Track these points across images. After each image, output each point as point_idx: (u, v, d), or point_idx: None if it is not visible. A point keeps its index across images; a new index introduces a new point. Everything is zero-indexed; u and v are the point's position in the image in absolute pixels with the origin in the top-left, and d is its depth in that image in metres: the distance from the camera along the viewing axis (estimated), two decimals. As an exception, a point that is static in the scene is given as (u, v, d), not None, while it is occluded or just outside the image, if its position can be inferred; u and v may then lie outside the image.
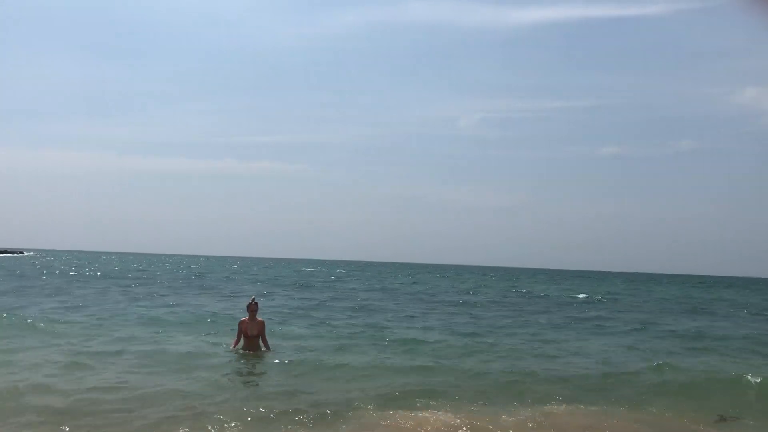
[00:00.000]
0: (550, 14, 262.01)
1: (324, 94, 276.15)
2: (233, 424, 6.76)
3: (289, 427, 6.85)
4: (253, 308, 10.88)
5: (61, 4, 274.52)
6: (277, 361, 10.57)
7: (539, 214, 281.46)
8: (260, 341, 11.02)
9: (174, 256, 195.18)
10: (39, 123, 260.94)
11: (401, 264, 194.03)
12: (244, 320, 11.02)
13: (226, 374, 9.64)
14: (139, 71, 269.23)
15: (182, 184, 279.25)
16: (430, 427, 6.95)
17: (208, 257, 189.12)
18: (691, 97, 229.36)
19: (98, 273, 47.45)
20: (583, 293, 41.41)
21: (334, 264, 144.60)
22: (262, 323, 11.12)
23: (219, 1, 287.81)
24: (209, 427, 6.64)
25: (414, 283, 51.09)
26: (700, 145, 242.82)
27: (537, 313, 24.00)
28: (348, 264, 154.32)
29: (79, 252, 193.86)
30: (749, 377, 9.90)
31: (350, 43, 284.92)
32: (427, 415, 7.43)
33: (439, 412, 7.54)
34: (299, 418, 7.18)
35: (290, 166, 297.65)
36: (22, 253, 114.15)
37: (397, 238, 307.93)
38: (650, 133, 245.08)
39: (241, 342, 11.02)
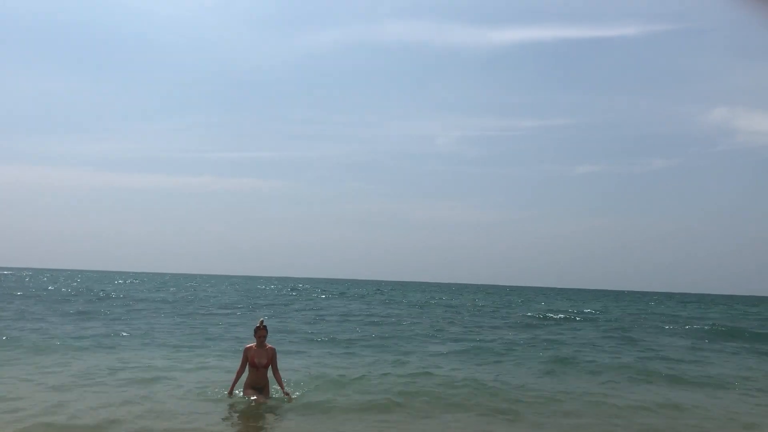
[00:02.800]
0: (527, 35, 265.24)
1: (302, 111, 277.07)
2: None
3: None
4: (262, 333, 9.07)
5: (35, 18, 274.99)
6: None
7: (516, 232, 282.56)
8: (269, 375, 9.30)
9: (148, 273, 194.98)
10: (10, 138, 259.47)
11: (379, 281, 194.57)
12: (251, 347, 9.12)
13: None
14: (115, 87, 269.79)
15: (159, 201, 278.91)
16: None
17: (189, 275, 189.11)
18: (663, 116, 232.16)
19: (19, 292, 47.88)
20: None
21: (316, 282, 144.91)
22: (273, 351, 9.22)
23: (197, 17, 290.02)
24: None
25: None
26: (672, 163, 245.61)
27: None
28: (323, 282, 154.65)
29: (54, 270, 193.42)
30: None
31: (328, 61, 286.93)
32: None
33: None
34: None
35: (268, 182, 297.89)
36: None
37: (374, 256, 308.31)
38: (624, 151, 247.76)
39: (245, 375, 9.23)
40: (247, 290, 67.87)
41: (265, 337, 9.15)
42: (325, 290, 76.27)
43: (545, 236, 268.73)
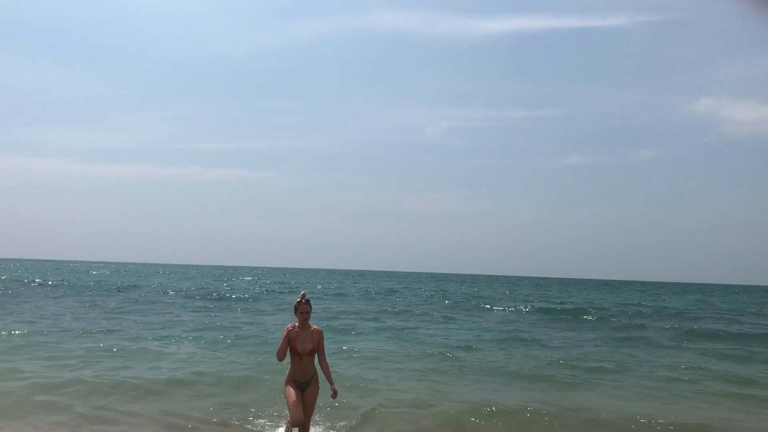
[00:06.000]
0: (515, 25, 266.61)
1: (291, 102, 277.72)
2: None
3: None
4: (304, 309, 6.95)
5: (21, 9, 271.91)
6: None
7: (504, 222, 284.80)
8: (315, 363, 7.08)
9: (133, 264, 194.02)
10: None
11: (369, 271, 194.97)
12: (293, 327, 6.97)
13: None
14: (103, 78, 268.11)
15: (147, 192, 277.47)
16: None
17: (176, 265, 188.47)
18: (651, 106, 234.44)
19: None
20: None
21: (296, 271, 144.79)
22: (319, 333, 7.04)
23: (185, 8, 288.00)
24: None
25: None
26: (660, 154, 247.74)
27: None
28: (310, 272, 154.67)
29: (40, 260, 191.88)
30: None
31: (318, 52, 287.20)
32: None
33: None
34: None
35: (256, 173, 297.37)
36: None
37: (362, 246, 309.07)
38: (612, 142, 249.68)
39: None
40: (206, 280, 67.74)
41: (308, 314, 6.96)
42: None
43: (533, 226, 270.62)
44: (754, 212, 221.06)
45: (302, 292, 7.12)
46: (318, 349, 7.00)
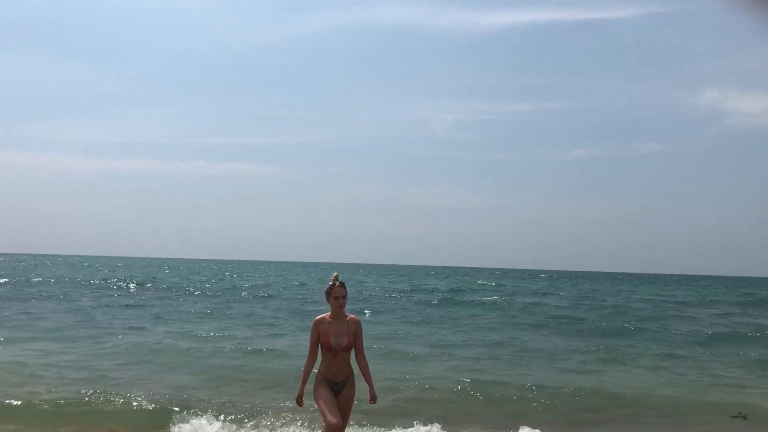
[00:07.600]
0: (520, 17, 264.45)
1: (295, 96, 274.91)
2: None
3: None
4: (338, 293, 5.77)
5: (22, 4, 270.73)
6: None
7: (510, 216, 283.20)
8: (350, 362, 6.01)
9: (142, 259, 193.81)
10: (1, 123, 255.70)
11: (372, 265, 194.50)
12: (323, 319, 5.88)
13: None
14: (107, 72, 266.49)
15: (152, 186, 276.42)
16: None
17: (179, 260, 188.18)
18: (656, 99, 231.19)
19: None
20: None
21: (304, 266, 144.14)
22: (356, 324, 5.89)
23: (189, 1, 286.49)
24: None
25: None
26: (666, 147, 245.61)
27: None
28: (316, 266, 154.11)
29: (42, 255, 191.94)
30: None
31: (322, 45, 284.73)
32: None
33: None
34: None
35: (261, 167, 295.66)
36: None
37: (368, 240, 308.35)
38: (617, 135, 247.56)
39: (318, 363, 5.97)
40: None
41: (344, 299, 5.79)
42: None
43: (538, 220, 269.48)
44: (759, 205, 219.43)
45: (335, 274, 5.87)
46: (355, 343, 5.82)
